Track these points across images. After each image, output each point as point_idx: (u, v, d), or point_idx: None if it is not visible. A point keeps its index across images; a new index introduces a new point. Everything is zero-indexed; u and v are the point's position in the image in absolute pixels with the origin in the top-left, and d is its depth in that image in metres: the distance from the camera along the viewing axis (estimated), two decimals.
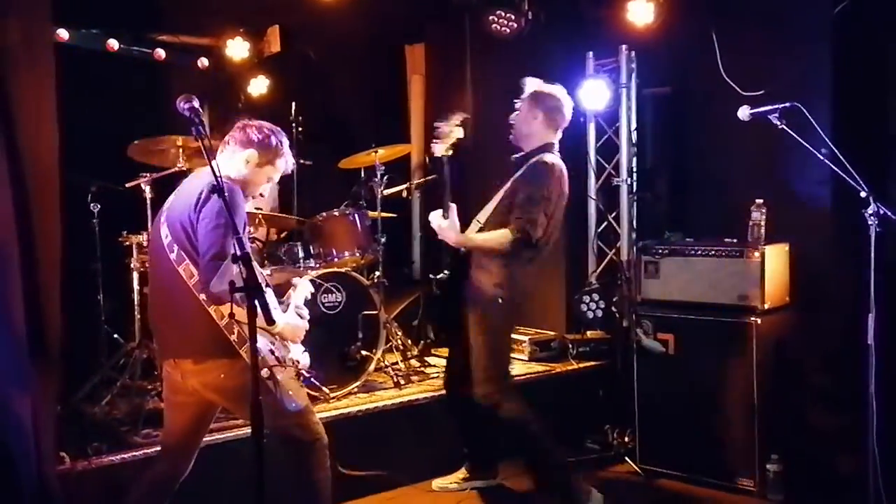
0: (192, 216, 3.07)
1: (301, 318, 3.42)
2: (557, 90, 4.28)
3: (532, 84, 4.31)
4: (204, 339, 3.11)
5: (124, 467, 3.78)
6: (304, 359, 3.43)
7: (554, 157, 4.20)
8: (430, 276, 4.83)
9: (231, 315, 2.74)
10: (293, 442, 3.27)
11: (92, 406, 4.45)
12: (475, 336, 4.12)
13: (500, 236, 4.03)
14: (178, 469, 3.36)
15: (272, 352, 3.20)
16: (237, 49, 6.47)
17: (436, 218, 4.12)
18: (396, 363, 5.39)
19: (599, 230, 6.00)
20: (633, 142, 5.80)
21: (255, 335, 2.62)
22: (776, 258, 4.64)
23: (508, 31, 5.72)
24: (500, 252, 4.03)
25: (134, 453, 3.86)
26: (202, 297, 3.05)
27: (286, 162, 3.39)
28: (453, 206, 4.10)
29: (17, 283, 3.39)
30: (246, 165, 3.27)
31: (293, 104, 6.12)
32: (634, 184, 5.79)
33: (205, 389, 3.22)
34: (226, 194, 2.79)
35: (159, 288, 3.29)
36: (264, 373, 3.07)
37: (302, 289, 3.54)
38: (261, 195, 3.48)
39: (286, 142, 3.40)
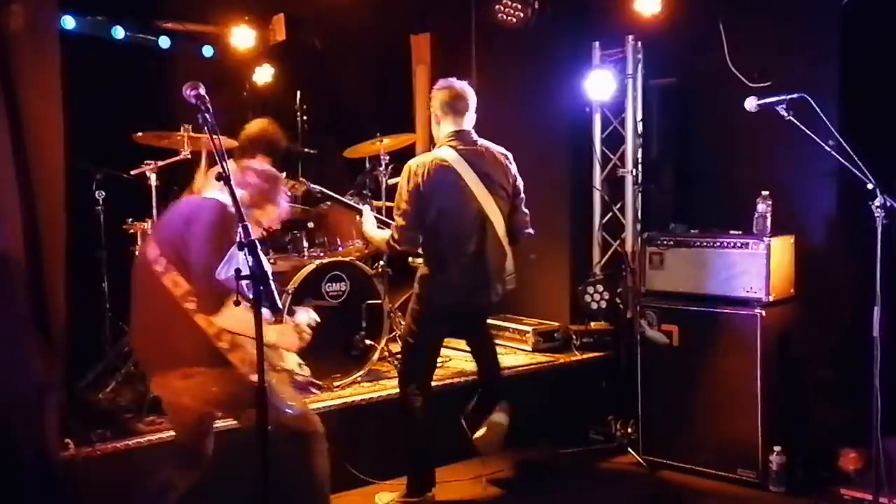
0: (184, 228, 3.14)
1: (300, 333, 3.35)
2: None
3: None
4: (192, 350, 3.12)
5: (129, 454, 3.79)
6: (300, 370, 3.47)
7: (423, 156, 4.20)
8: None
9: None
10: (291, 432, 3.26)
11: (96, 393, 4.46)
12: None
13: (382, 236, 4.27)
14: (200, 450, 3.41)
15: (270, 358, 3.22)
16: (242, 37, 6.45)
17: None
18: (399, 353, 5.37)
19: (604, 221, 5.99)
20: (639, 133, 5.78)
21: (262, 321, 2.61)
22: (781, 250, 4.63)
23: (514, 20, 5.70)
24: (382, 249, 4.40)
25: (138, 440, 3.87)
26: (190, 306, 3.08)
27: (277, 212, 3.42)
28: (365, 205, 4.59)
29: (22, 271, 3.39)
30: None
31: (298, 93, 6.11)
32: (639, 175, 5.77)
33: (199, 404, 3.26)
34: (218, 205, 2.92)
35: (143, 306, 3.29)
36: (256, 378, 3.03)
37: (301, 315, 3.48)
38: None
39: (282, 193, 3.44)
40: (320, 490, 3.36)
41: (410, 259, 4.80)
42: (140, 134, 4.77)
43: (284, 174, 4.41)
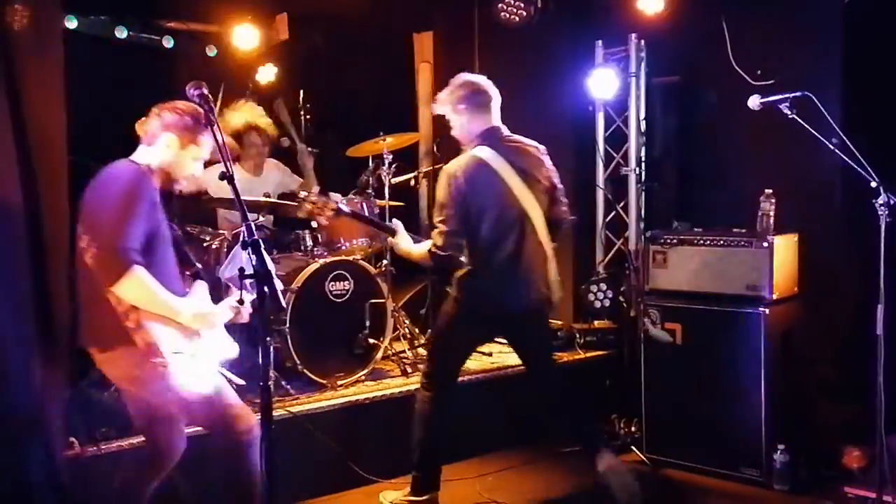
0: (96, 196, 3.04)
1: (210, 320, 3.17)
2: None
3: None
4: (107, 327, 3.01)
5: (133, 453, 3.79)
6: (227, 351, 3.29)
7: (460, 158, 4.03)
8: None
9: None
10: (212, 435, 3.21)
11: (100, 392, 4.46)
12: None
13: (421, 249, 4.03)
14: (164, 449, 3.32)
15: (175, 339, 3.04)
16: (245, 37, 6.45)
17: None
18: (404, 351, 5.39)
19: (607, 220, 6.00)
20: (642, 131, 5.78)
21: (267, 319, 2.61)
22: (785, 248, 4.63)
23: (517, 19, 5.70)
24: (430, 264, 4.02)
25: (142, 439, 3.87)
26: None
27: (212, 137, 3.12)
28: (397, 223, 4.25)
29: (26, 269, 3.40)
30: (167, 150, 3.17)
31: (301, 92, 6.11)
32: (643, 173, 5.78)
33: (119, 381, 3.22)
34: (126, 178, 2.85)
35: (77, 283, 3.20)
36: (158, 361, 2.95)
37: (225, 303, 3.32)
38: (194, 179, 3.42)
39: (209, 116, 3.12)
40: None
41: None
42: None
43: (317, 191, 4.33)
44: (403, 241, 4.18)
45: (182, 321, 3.05)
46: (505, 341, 4.76)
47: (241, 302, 2.97)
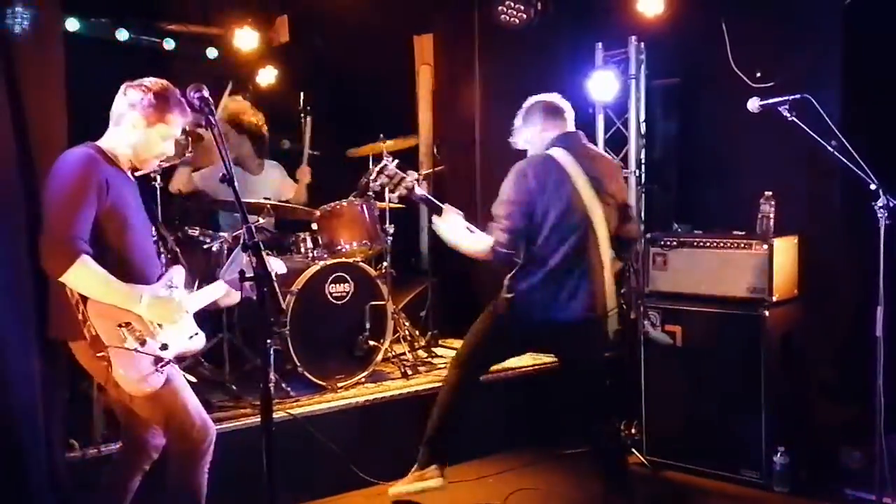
0: (45, 188, 2.97)
1: (173, 312, 3.06)
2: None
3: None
4: (64, 316, 2.94)
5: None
6: (186, 344, 3.15)
7: (532, 156, 3.99)
8: None
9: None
10: (168, 436, 3.12)
11: (101, 393, 4.46)
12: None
13: (480, 242, 3.86)
14: (139, 445, 3.25)
15: (125, 333, 2.92)
16: (246, 39, 6.47)
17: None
18: (404, 353, 5.40)
19: None
20: (642, 133, 5.78)
21: (267, 318, 2.59)
22: (785, 250, 4.63)
23: (517, 21, 5.70)
24: (486, 259, 3.86)
25: None
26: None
27: (181, 115, 3.09)
28: (448, 207, 3.98)
29: (27, 270, 3.40)
30: (133, 131, 3.09)
31: (301, 94, 6.13)
32: (643, 175, 5.77)
33: (93, 375, 3.16)
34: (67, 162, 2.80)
35: None
36: (101, 355, 2.87)
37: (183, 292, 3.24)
38: (165, 159, 3.28)
39: (176, 94, 3.09)
40: None
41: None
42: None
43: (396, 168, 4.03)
44: (456, 228, 3.95)
45: (138, 311, 2.94)
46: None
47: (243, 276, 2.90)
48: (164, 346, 3.01)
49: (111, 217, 2.96)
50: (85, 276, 2.83)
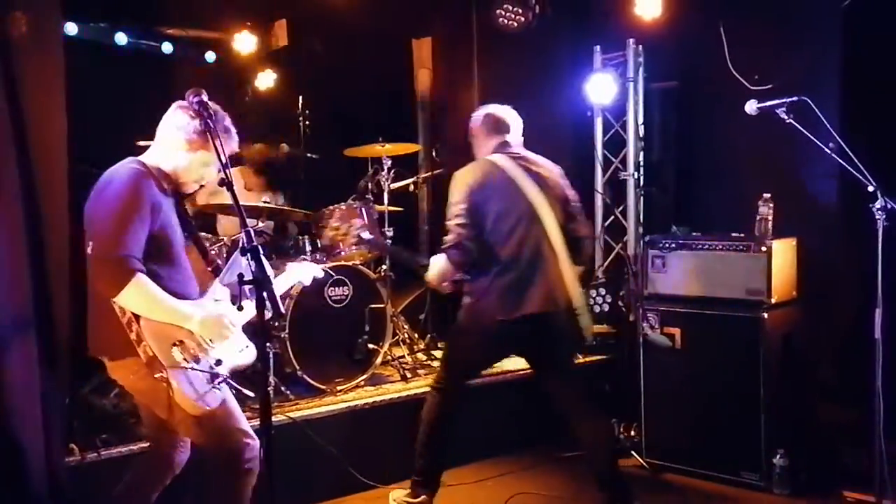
0: (94, 204, 2.92)
1: (223, 328, 3.00)
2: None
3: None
4: (112, 335, 2.89)
5: (133, 459, 3.79)
6: (237, 358, 3.10)
7: (474, 162, 4.10)
8: None
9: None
10: (205, 453, 3.08)
11: (101, 398, 4.47)
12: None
13: (440, 258, 3.91)
14: (164, 461, 3.23)
15: (179, 352, 2.88)
16: (244, 43, 6.48)
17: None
18: (403, 356, 5.40)
19: (606, 224, 6.00)
20: (640, 136, 5.80)
21: (265, 327, 2.59)
22: (783, 252, 4.64)
23: (516, 24, 5.72)
24: (450, 270, 3.92)
25: (142, 445, 3.86)
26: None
27: (226, 144, 2.98)
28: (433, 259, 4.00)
29: (26, 276, 3.41)
30: (175, 153, 3.03)
31: (300, 98, 6.13)
32: (641, 178, 5.79)
33: (130, 392, 3.13)
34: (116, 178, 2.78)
35: (88, 289, 3.07)
36: (159, 376, 2.81)
37: (296, 273, 3.30)
38: (201, 186, 3.22)
39: (225, 122, 3.05)
40: None
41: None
42: (142, 144, 4.77)
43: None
44: (433, 269, 3.98)
45: (191, 328, 2.92)
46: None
47: (240, 308, 2.90)
48: (219, 362, 2.98)
49: (158, 237, 2.93)
50: (140, 296, 2.79)
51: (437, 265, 3.95)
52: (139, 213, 2.85)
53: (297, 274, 3.58)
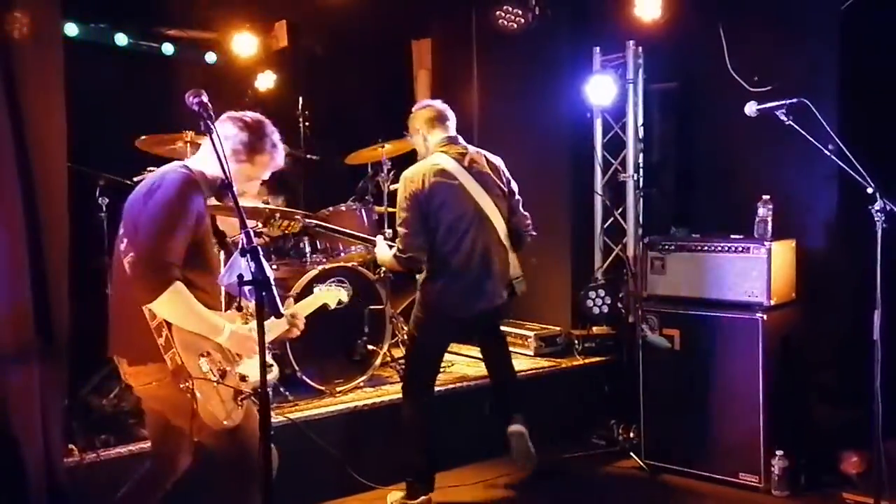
0: (142, 202, 2.88)
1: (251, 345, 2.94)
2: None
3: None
4: (137, 339, 2.85)
5: (132, 460, 3.80)
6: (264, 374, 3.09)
7: (417, 164, 4.25)
8: None
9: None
10: (224, 463, 3.02)
11: (100, 399, 4.47)
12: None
13: (390, 253, 4.21)
14: (168, 466, 3.21)
15: (207, 363, 2.85)
16: (244, 44, 6.47)
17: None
18: (402, 358, 5.39)
19: (605, 226, 6.00)
20: (640, 137, 5.79)
21: (263, 331, 2.54)
22: (782, 254, 4.64)
23: (515, 26, 5.72)
24: (396, 268, 4.28)
25: (142, 445, 3.87)
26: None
27: (271, 160, 3.03)
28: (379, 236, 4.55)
29: (25, 277, 3.41)
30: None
31: (300, 99, 6.13)
32: (641, 179, 5.78)
33: (144, 397, 3.09)
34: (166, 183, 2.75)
35: (112, 288, 3.12)
36: (184, 386, 2.78)
37: (320, 298, 3.37)
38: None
39: (273, 137, 3.06)
40: None
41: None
42: (143, 138, 4.78)
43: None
44: (380, 250, 4.37)
45: (220, 341, 2.89)
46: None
47: (240, 308, 2.89)
48: (244, 378, 2.94)
49: (197, 247, 2.90)
50: (176, 304, 2.75)
51: (382, 251, 4.33)
52: (185, 220, 2.83)
53: (323, 297, 3.59)
